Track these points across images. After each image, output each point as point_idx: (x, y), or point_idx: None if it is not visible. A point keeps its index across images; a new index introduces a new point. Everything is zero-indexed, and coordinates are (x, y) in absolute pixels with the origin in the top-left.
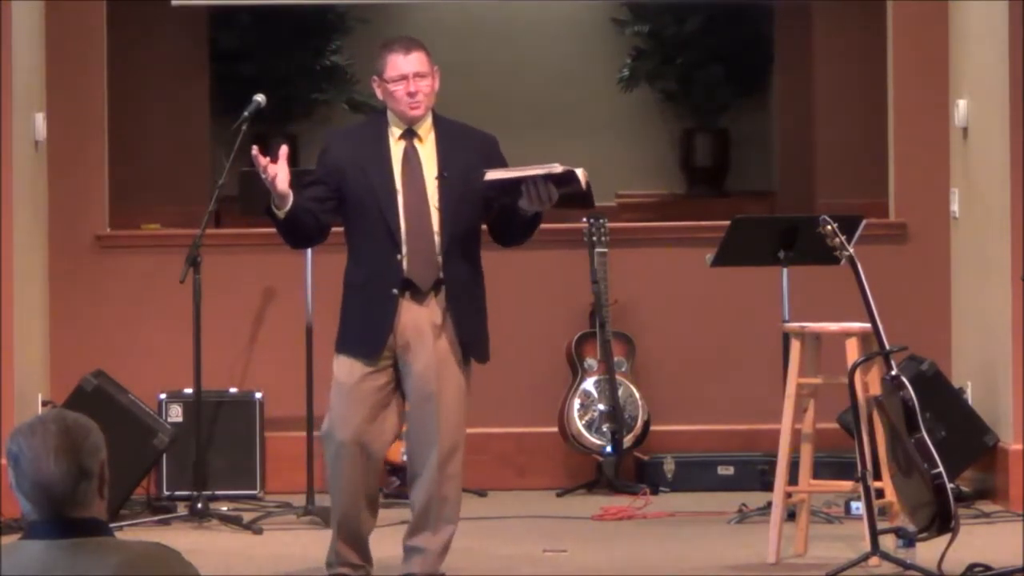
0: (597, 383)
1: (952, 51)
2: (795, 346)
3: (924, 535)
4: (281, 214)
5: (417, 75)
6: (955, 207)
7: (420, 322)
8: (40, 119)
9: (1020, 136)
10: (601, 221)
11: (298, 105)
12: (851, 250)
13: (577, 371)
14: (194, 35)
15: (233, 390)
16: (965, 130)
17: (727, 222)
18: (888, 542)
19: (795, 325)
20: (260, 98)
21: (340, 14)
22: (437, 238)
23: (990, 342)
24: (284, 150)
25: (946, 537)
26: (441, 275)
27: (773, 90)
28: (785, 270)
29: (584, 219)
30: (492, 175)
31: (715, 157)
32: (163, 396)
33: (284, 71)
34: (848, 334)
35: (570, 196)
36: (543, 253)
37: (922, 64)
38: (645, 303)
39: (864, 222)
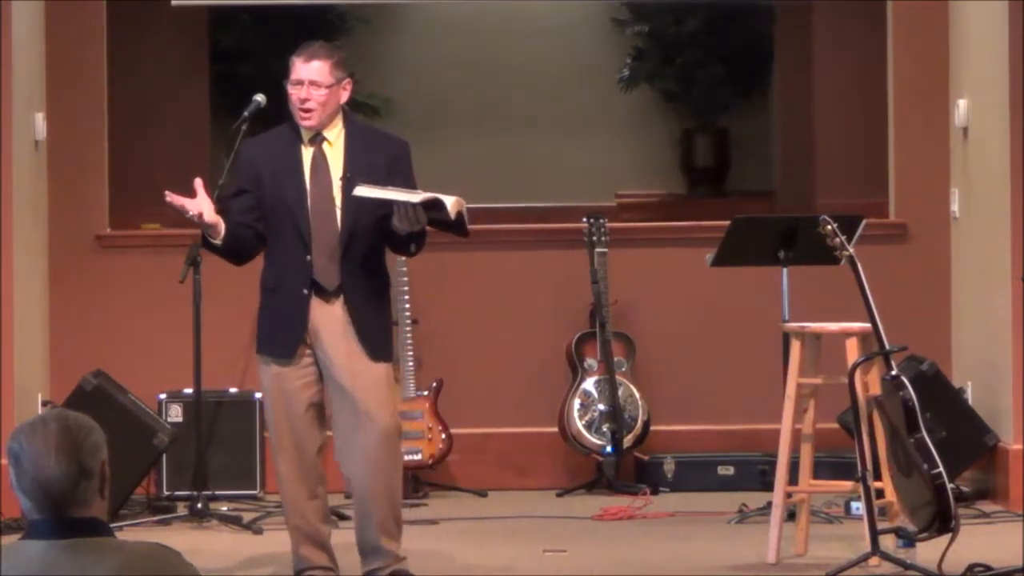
0: (597, 383)
1: (952, 51)
2: (795, 346)
3: (924, 535)
4: (219, 242)
5: (312, 83)
6: (955, 207)
7: (330, 320)
8: (40, 119)
9: (1020, 136)
10: (601, 221)
11: None
12: (851, 250)
13: (577, 371)
14: (194, 35)
15: (233, 390)
16: (965, 130)
17: (727, 222)
18: (888, 542)
19: (795, 325)
20: (260, 98)
21: (340, 14)
22: (338, 239)
23: (990, 342)
24: (199, 182)
25: (946, 537)
26: (342, 275)
27: (773, 90)
28: (785, 270)
29: (584, 219)
30: (360, 191)
31: (715, 157)
32: (163, 396)
33: (284, 71)
34: (848, 334)
35: (441, 223)
36: (543, 253)
37: (922, 64)
38: (645, 303)
39: (864, 222)
